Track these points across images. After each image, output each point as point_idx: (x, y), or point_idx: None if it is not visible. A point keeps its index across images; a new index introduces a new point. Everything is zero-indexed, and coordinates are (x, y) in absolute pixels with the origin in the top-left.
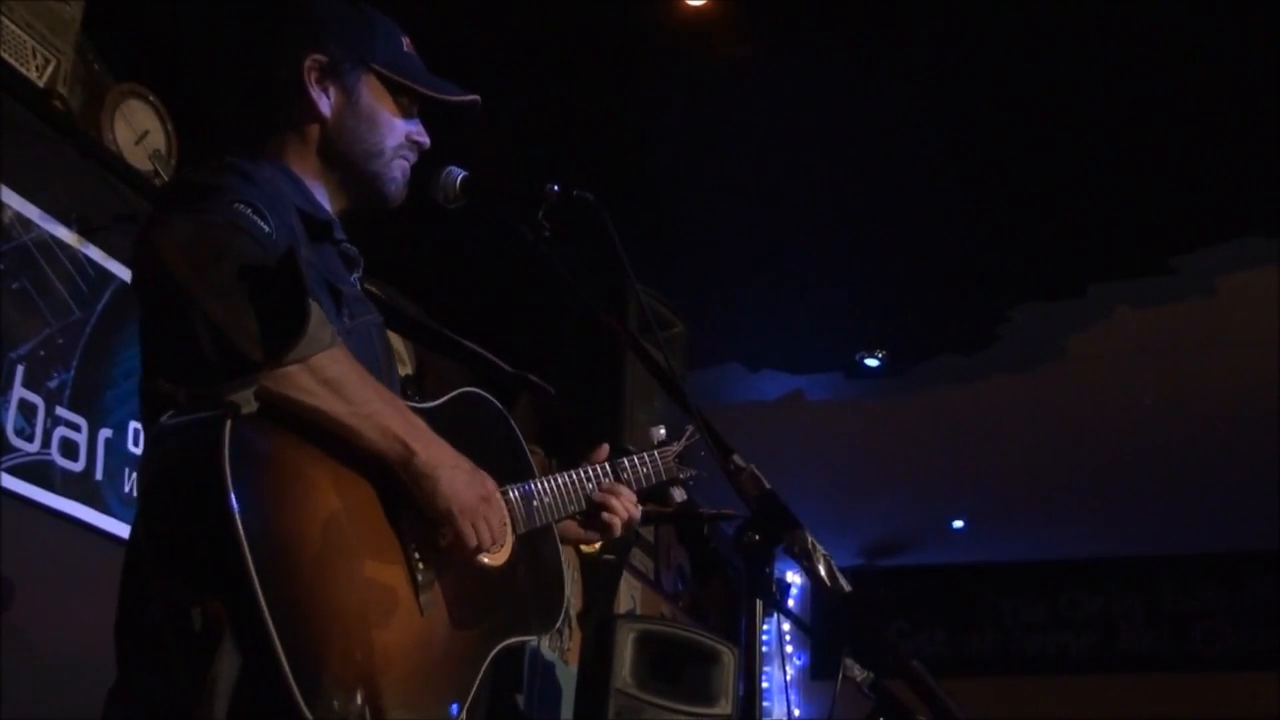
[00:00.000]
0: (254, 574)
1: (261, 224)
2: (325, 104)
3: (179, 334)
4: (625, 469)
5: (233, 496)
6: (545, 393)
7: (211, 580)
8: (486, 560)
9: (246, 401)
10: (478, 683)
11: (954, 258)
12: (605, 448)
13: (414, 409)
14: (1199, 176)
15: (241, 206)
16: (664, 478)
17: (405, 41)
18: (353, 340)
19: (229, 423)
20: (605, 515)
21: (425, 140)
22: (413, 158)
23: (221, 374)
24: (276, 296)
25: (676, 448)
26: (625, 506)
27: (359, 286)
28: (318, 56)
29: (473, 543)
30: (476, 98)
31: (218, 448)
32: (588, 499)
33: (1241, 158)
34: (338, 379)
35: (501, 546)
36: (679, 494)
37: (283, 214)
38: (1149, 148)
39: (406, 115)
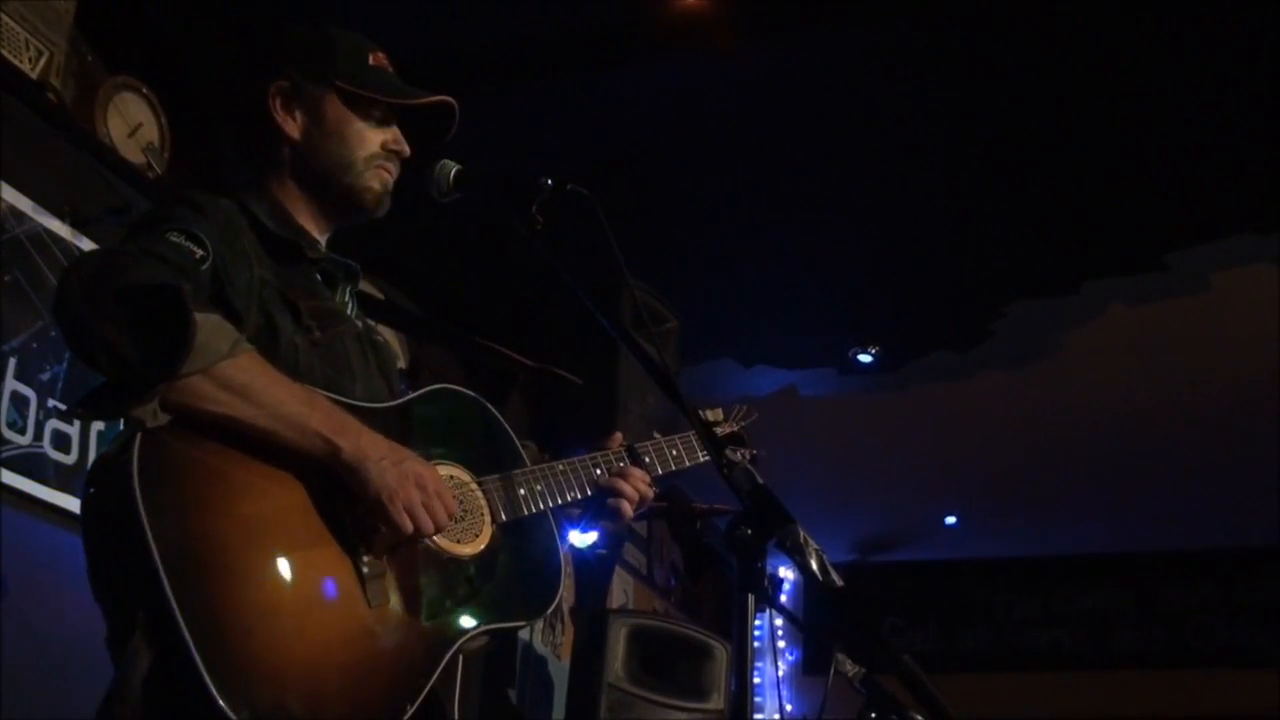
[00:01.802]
0: (162, 572)
1: (193, 248)
2: (292, 126)
3: (89, 362)
4: (649, 452)
5: (139, 501)
6: (572, 384)
7: (129, 585)
8: (455, 549)
9: (152, 415)
10: (441, 668)
11: (948, 254)
12: (619, 435)
13: (371, 409)
14: (1194, 173)
15: (173, 235)
16: (698, 460)
17: (373, 56)
18: (318, 352)
19: (139, 435)
20: (612, 500)
21: (404, 149)
22: (393, 168)
23: (122, 393)
24: (166, 317)
25: (728, 426)
26: (636, 487)
27: (347, 298)
28: (280, 83)
29: (408, 528)
30: (448, 99)
31: (127, 459)
32: (593, 484)
33: (1236, 155)
34: (245, 385)
35: (477, 535)
36: (738, 454)
37: (233, 239)
38: (1144, 144)
39: (380, 126)
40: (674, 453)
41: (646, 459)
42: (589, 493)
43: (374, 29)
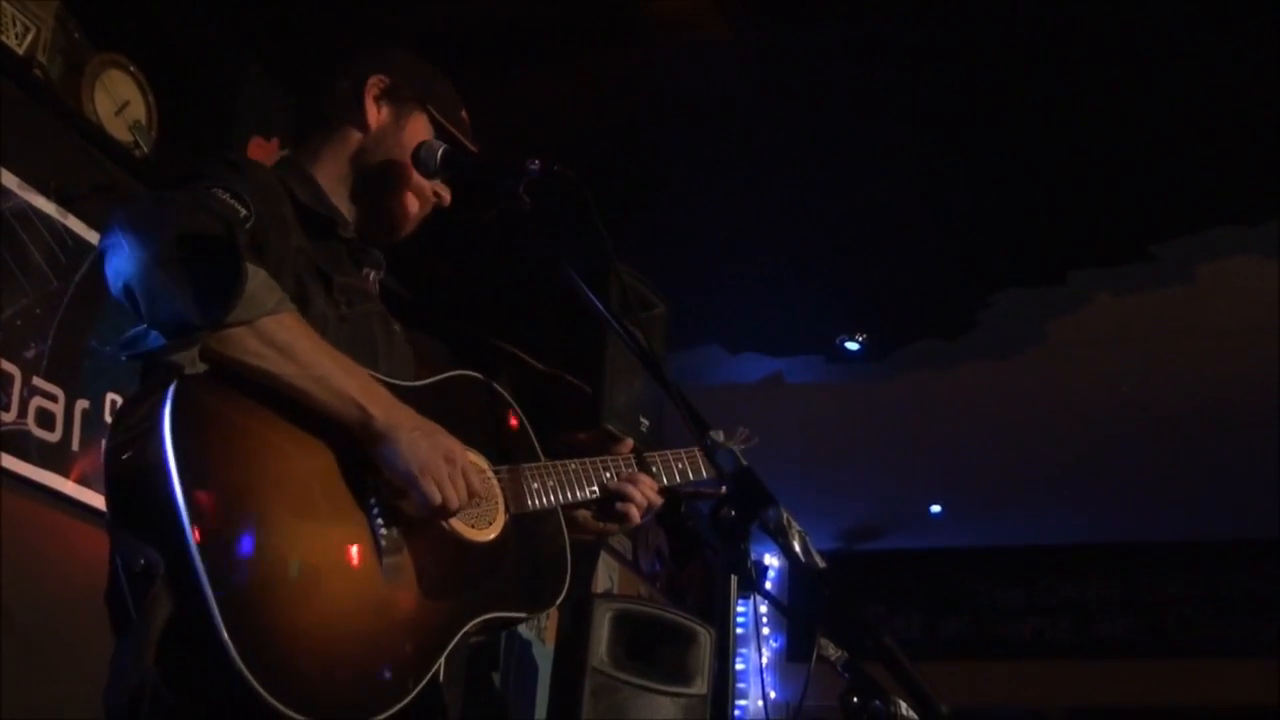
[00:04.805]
0: (185, 519)
1: (237, 206)
2: (374, 117)
3: (130, 301)
4: (656, 463)
5: (169, 448)
6: (533, 369)
7: (151, 529)
8: (470, 534)
9: (191, 362)
10: (447, 652)
11: (935, 243)
12: (630, 442)
13: (400, 386)
14: (1180, 164)
15: (218, 191)
16: (702, 476)
17: (464, 110)
18: (346, 327)
19: (174, 381)
20: (620, 504)
21: (446, 198)
22: (427, 206)
23: (164, 336)
24: (219, 264)
25: (731, 444)
26: (645, 493)
27: (371, 281)
28: (381, 77)
29: (436, 501)
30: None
31: (160, 403)
32: (603, 487)
33: (1222, 146)
34: (287, 342)
35: (490, 523)
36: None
37: (273, 204)
38: (1130, 135)
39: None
40: (680, 466)
41: (654, 468)
42: (598, 494)
43: (366, 12)
